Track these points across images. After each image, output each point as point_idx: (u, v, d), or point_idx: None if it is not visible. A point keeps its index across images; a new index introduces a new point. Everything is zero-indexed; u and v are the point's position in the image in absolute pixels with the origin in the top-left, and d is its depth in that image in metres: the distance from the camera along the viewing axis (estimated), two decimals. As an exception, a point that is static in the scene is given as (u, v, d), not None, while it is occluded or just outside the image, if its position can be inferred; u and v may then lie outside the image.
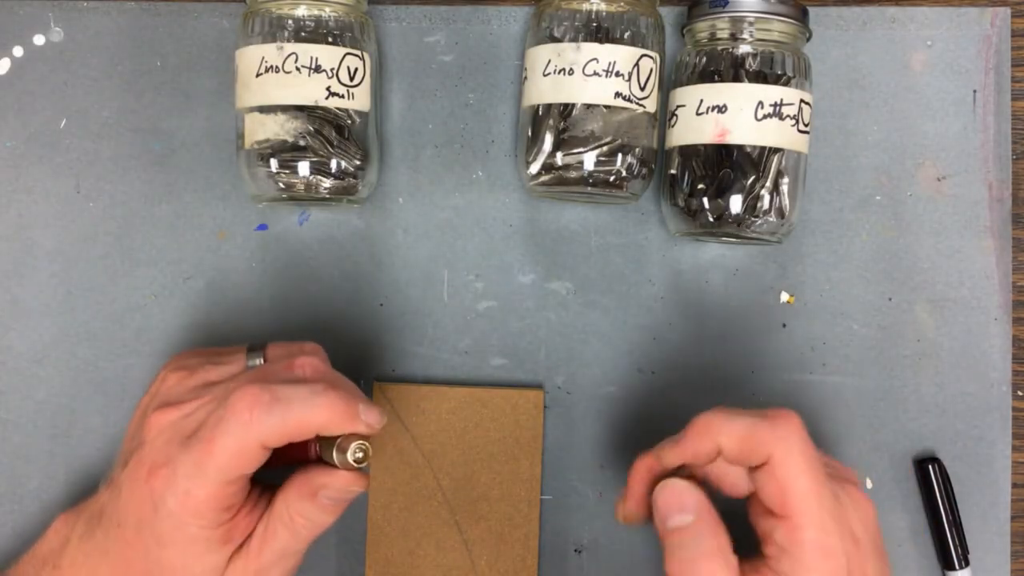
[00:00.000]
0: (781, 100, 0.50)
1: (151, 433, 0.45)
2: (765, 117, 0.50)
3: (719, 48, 0.52)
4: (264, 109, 0.51)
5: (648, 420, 0.56)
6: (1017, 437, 0.56)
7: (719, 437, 0.43)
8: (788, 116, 0.51)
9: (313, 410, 0.42)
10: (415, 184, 0.57)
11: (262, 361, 0.48)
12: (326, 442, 0.45)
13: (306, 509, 0.45)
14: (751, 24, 0.51)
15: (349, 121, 0.52)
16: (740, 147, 0.51)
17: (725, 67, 0.51)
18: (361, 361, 0.56)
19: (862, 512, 0.43)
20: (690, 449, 0.43)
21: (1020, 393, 0.56)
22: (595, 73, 0.50)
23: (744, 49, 0.51)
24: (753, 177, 0.51)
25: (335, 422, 0.43)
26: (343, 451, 0.44)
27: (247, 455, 0.42)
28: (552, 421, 0.56)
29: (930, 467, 0.55)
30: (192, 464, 0.42)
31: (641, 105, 0.51)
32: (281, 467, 0.47)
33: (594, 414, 0.56)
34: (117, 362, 0.56)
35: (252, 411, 0.42)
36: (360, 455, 0.44)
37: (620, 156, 0.51)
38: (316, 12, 0.51)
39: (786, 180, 0.52)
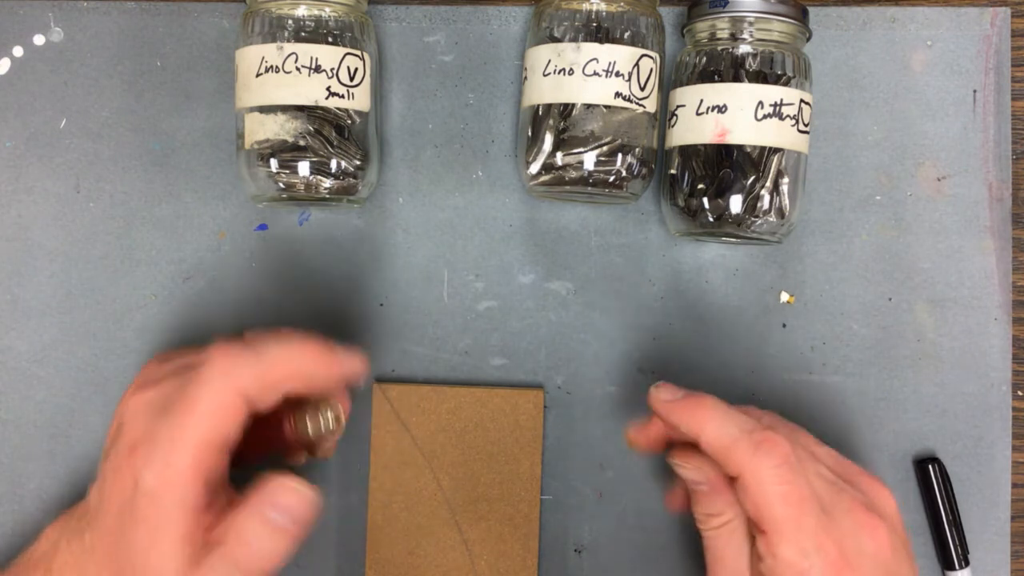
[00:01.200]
0: (781, 100, 0.50)
1: (128, 415, 0.43)
2: (765, 117, 0.50)
3: (719, 48, 0.52)
4: (264, 109, 0.51)
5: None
6: (1017, 437, 0.56)
7: (701, 433, 0.43)
8: (788, 116, 0.51)
9: (291, 352, 0.42)
10: (415, 184, 0.57)
11: None
12: (300, 414, 0.44)
13: (251, 528, 0.41)
14: (751, 24, 0.51)
15: (349, 121, 0.52)
16: (740, 147, 0.51)
17: (725, 67, 0.51)
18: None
19: (867, 536, 0.42)
20: (677, 421, 0.45)
21: (1020, 393, 0.56)
22: (595, 73, 0.50)
23: (744, 49, 0.51)
24: (753, 177, 0.51)
25: (315, 366, 0.42)
26: (315, 415, 0.42)
27: (227, 409, 0.41)
28: (552, 421, 0.56)
29: (930, 467, 0.55)
30: (171, 430, 0.40)
31: (641, 105, 0.51)
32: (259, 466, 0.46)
33: (594, 414, 0.56)
34: (117, 362, 0.56)
35: (229, 358, 0.41)
36: (331, 417, 0.43)
37: (620, 156, 0.51)
38: (316, 12, 0.51)
39: (786, 180, 0.52)
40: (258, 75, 0.51)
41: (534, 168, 0.52)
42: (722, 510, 0.45)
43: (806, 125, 0.52)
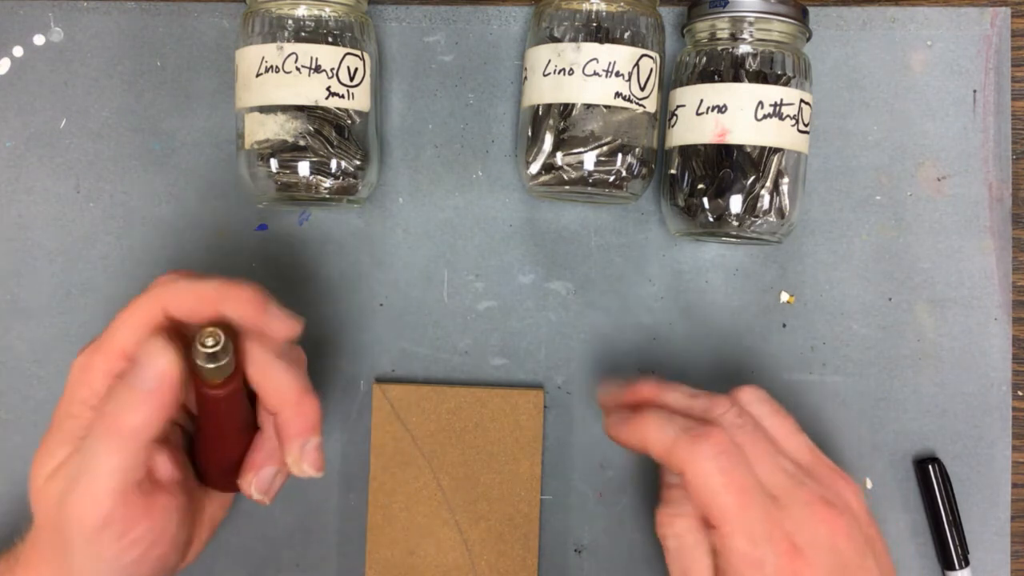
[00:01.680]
0: (781, 100, 0.50)
1: (70, 372, 0.45)
2: (765, 117, 0.50)
3: (719, 48, 0.52)
4: (264, 109, 0.51)
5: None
6: (1017, 437, 0.56)
7: (646, 444, 0.44)
8: (788, 116, 0.51)
9: (222, 284, 0.43)
10: (415, 184, 0.57)
11: None
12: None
13: (115, 392, 0.42)
14: (751, 24, 0.51)
15: (349, 121, 0.52)
16: (740, 147, 0.51)
17: (725, 67, 0.51)
18: (361, 361, 0.56)
19: (824, 528, 0.42)
20: (626, 440, 0.46)
21: (1020, 393, 0.56)
22: (595, 73, 0.50)
23: (744, 49, 0.51)
24: (753, 177, 0.51)
25: (238, 301, 0.42)
26: (199, 339, 0.41)
27: (148, 318, 0.42)
28: (552, 421, 0.56)
29: (930, 467, 0.55)
30: (105, 334, 0.43)
31: (641, 105, 0.51)
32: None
33: (594, 414, 0.56)
34: (117, 362, 0.56)
35: (169, 276, 0.43)
36: (208, 341, 0.41)
37: (620, 156, 0.51)
38: (316, 12, 0.51)
39: (786, 180, 0.52)
40: (258, 75, 0.51)
41: (534, 168, 0.52)
42: (687, 510, 0.44)
43: (806, 125, 0.52)
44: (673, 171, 0.53)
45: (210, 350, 0.41)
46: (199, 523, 0.48)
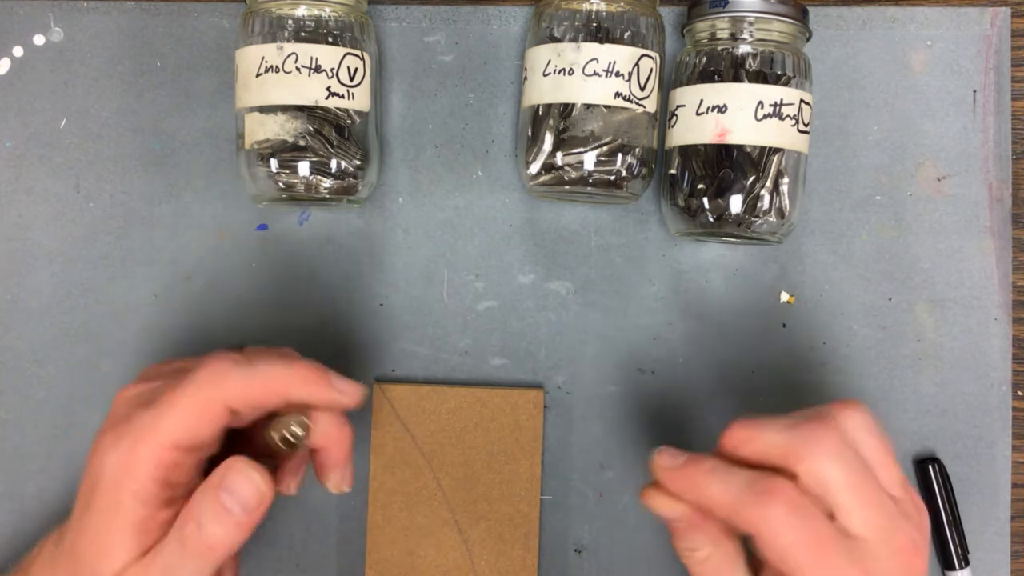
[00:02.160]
0: (781, 100, 0.50)
1: (115, 405, 0.43)
2: (765, 117, 0.50)
3: (719, 48, 0.52)
4: (264, 109, 0.51)
5: (648, 420, 0.56)
6: (1017, 437, 0.56)
7: (707, 500, 0.41)
8: (788, 116, 0.51)
9: (284, 371, 0.42)
10: (415, 184, 0.57)
11: None
12: (273, 423, 0.43)
13: (204, 509, 0.40)
14: (751, 24, 0.51)
15: (349, 121, 0.52)
16: (740, 147, 0.51)
17: (725, 67, 0.51)
18: (361, 361, 0.56)
19: (905, 574, 0.40)
20: (680, 491, 0.42)
21: (1020, 393, 0.56)
22: (595, 73, 0.50)
23: (744, 49, 0.51)
24: (753, 177, 0.51)
25: (306, 385, 0.42)
26: (281, 426, 0.41)
27: (208, 413, 0.40)
28: (552, 421, 0.56)
29: (930, 467, 0.55)
30: (149, 418, 0.40)
31: (641, 105, 0.51)
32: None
33: (594, 414, 0.56)
34: (117, 362, 0.56)
35: (221, 366, 0.41)
36: (298, 431, 0.41)
37: (620, 156, 0.51)
38: (316, 12, 0.51)
39: (786, 180, 0.52)
40: (258, 75, 0.51)
41: (534, 168, 0.52)
42: (700, 545, 0.43)
43: (806, 125, 0.52)
44: (673, 171, 0.53)
45: (297, 440, 0.42)
46: None
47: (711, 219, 0.52)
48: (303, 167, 0.51)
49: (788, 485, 0.39)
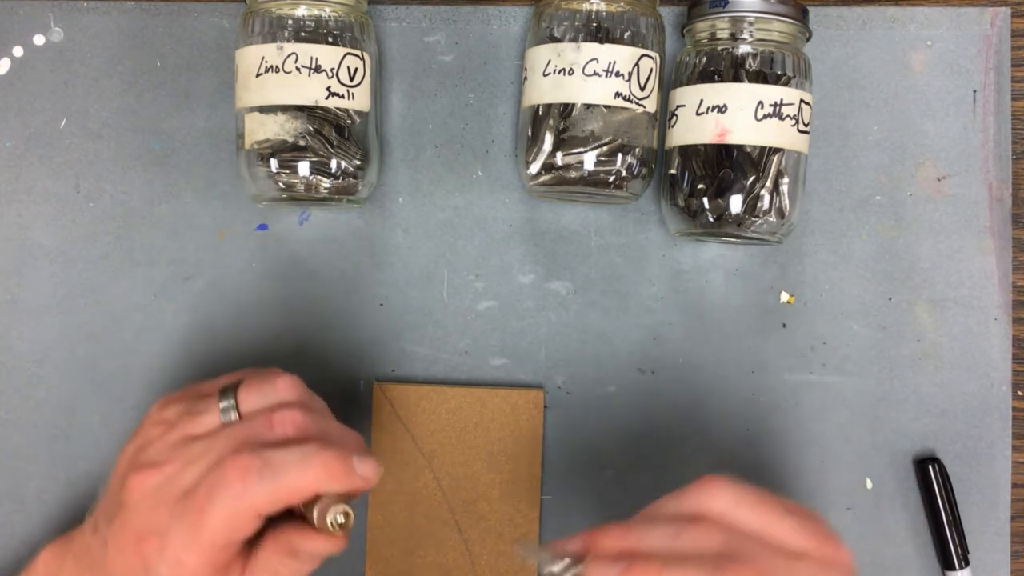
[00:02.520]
0: (781, 100, 0.50)
1: (133, 496, 0.43)
2: (765, 117, 0.50)
3: (719, 48, 0.52)
4: (264, 109, 0.51)
5: (648, 420, 0.56)
6: (1017, 437, 0.56)
7: None
8: (788, 116, 0.51)
9: (307, 472, 0.41)
10: (415, 184, 0.57)
11: (234, 410, 0.45)
12: (308, 505, 0.43)
13: (288, 563, 0.43)
14: (751, 24, 0.51)
15: (349, 121, 0.52)
16: (740, 147, 0.51)
17: (725, 67, 0.51)
18: (361, 361, 0.56)
19: None
20: None
21: (1020, 393, 0.56)
22: (595, 73, 0.50)
23: (744, 49, 0.51)
24: (753, 177, 0.51)
25: (331, 482, 0.42)
26: (323, 515, 0.42)
27: (240, 523, 0.41)
28: (552, 421, 0.56)
29: (930, 467, 0.55)
30: (184, 532, 0.41)
31: (641, 105, 0.51)
32: None
33: (594, 414, 0.56)
34: (117, 362, 0.56)
35: (244, 480, 0.41)
36: (341, 520, 0.42)
37: (620, 156, 0.51)
38: (316, 12, 0.51)
39: (786, 180, 0.52)
40: (258, 75, 0.51)
41: (534, 168, 0.52)
42: None
43: (806, 125, 0.52)
44: (673, 171, 0.53)
45: (344, 525, 0.42)
46: None
47: (711, 219, 0.52)
48: (303, 167, 0.51)
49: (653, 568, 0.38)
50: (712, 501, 0.41)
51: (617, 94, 0.50)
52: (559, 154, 0.51)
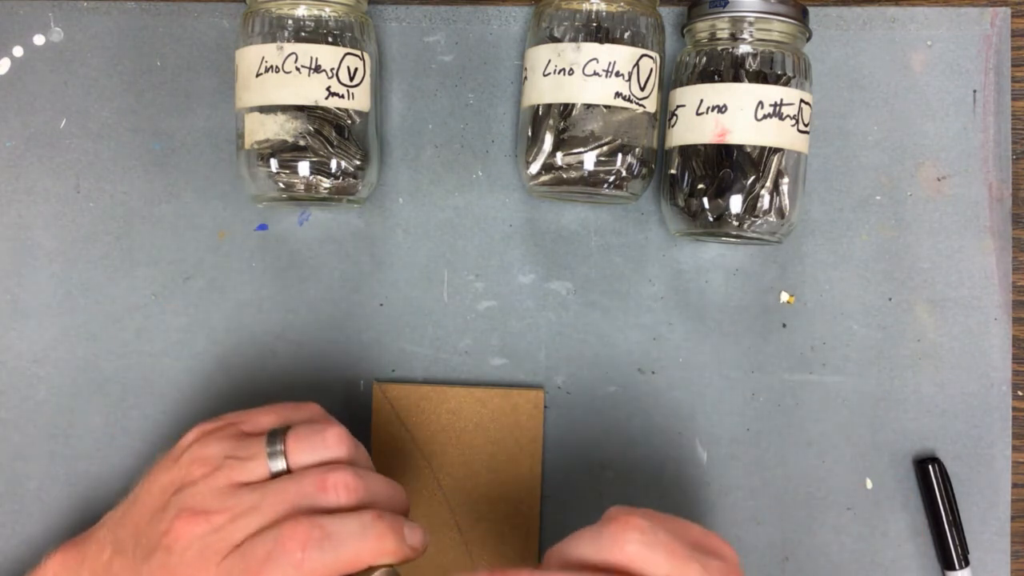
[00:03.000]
0: (781, 100, 0.50)
1: (180, 543, 0.43)
2: (765, 117, 0.50)
3: (719, 48, 0.52)
4: (264, 109, 0.51)
5: (648, 420, 0.56)
6: (1017, 437, 0.56)
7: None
8: (788, 116, 0.51)
9: (365, 544, 0.42)
10: (415, 184, 0.57)
11: (283, 458, 0.44)
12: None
13: None
14: (751, 24, 0.51)
15: (349, 121, 0.52)
16: (740, 147, 0.51)
17: (725, 67, 0.51)
18: (361, 361, 0.56)
19: None
20: None
21: (1020, 393, 0.56)
22: (595, 73, 0.50)
23: (744, 49, 0.51)
24: (753, 177, 0.51)
25: (386, 556, 0.42)
26: None
27: None
28: (552, 421, 0.56)
29: (930, 467, 0.55)
30: None
31: (641, 105, 0.51)
32: None
33: (594, 414, 0.56)
34: (117, 362, 0.56)
35: (304, 550, 0.41)
36: None
37: (620, 156, 0.51)
38: (316, 12, 0.51)
39: (786, 180, 0.52)
40: (258, 75, 0.51)
41: (534, 168, 0.52)
42: None
43: (806, 125, 0.52)
44: (673, 171, 0.53)
45: None
46: None
47: (711, 219, 0.52)
48: (303, 167, 0.51)
49: (636, 516, 0.40)
50: (624, 546, 0.41)
51: (617, 94, 0.51)
52: (559, 154, 0.51)
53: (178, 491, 0.44)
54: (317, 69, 0.50)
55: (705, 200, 0.51)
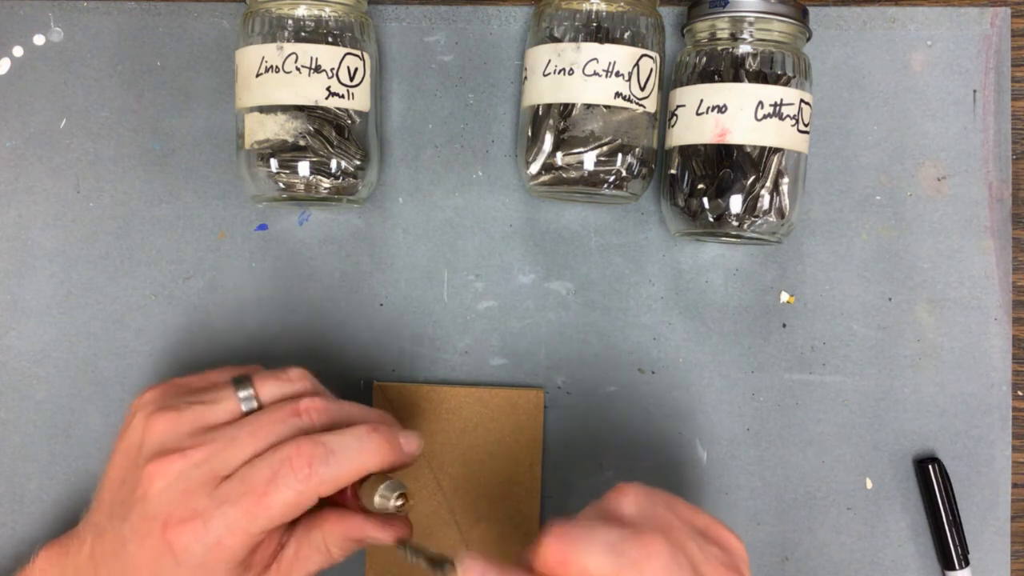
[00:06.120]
0: (781, 100, 0.50)
1: (155, 484, 0.42)
2: (765, 117, 0.50)
3: (719, 48, 0.52)
4: (264, 109, 0.51)
5: (648, 420, 0.56)
6: (1017, 437, 0.56)
7: (583, 571, 0.39)
8: (788, 116, 0.51)
9: (366, 455, 0.43)
10: (415, 184, 0.57)
11: (255, 399, 0.45)
12: (362, 485, 0.45)
13: (348, 546, 0.45)
14: (751, 24, 0.51)
15: (349, 121, 0.52)
16: (740, 147, 0.51)
17: (725, 67, 0.51)
18: (361, 361, 0.56)
19: None
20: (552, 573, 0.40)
21: (1020, 393, 0.56)
22: (595, 73, 0.50)
23: (744, 49, 0.51)
24: (753, 177, 0.51)
25: (385, 462, 0.44)
26: (385, 498, 0.44)
27: (300, 508, 0.42)
28: (552, 421, 0.56)
29: (930, 467, 0.55)
30: (236, 515, 0.41)
31: (641, 105, 0.51)
32: None
33: (594, 414, 0.56)
34: (117, 362, 0.56)
35: (311, 465, 0.42)
36: (401, 503, 0.44)
37: (620, 156, 0.51)
38: (316, 12, 0.51)
39: (786, 180, 0.52)
40: (258, 75, 0.51)
41: (534, 168, 0.52)
42: None
43: (806, 125, 0.52)
44: (673, 171, 0.53)
45: (401, 509, 0.44)
46: None
47: (711, 219, 0.52)
48: (303, 167, 0.51)
49: (660, 540, 0.39)
50: (623, 502, 0.42)
51: (617, 94, 0.51)
52: (559, 154, 0.51)
53: (142, 446, 0.44)
54: (317, 69, 0.50)
55: (705, 200, 0.51)
